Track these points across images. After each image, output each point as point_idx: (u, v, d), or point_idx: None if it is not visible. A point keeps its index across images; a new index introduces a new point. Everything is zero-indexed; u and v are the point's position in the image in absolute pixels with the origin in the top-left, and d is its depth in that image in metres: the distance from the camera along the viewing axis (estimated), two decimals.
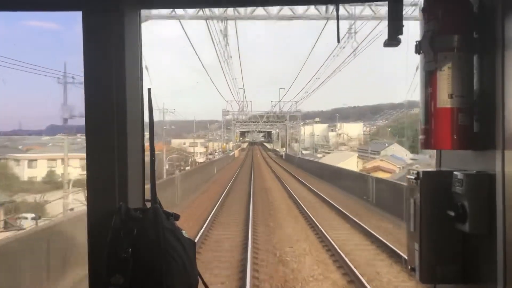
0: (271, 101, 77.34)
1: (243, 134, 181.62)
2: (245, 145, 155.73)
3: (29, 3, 1.91)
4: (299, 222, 18.65)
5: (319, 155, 79.67)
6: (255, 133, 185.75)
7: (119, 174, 1.76)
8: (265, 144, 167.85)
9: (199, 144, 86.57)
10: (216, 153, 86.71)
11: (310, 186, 31.96)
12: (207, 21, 22.54)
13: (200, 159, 71.67)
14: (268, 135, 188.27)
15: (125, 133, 1.77)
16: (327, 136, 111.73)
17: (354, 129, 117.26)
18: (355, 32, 23.59)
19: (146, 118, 1.86)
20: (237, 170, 50.75)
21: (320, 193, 27.15)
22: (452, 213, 1.62)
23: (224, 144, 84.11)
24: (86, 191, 1.79)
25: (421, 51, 1.65)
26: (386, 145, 75.26)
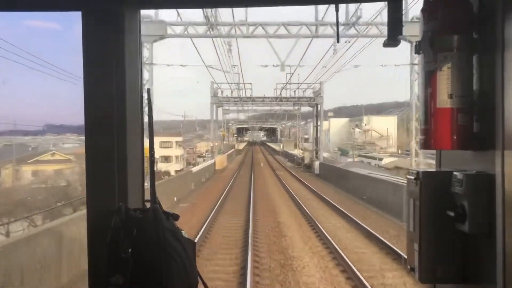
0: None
1: (240, 131, 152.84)
2: (242, 146, 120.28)
3: (29, 3, 1.91)
4: None
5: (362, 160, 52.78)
6: (255, 132, 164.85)
7: (118, 174, 1.76)
8: (269, 144, 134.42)
9: (175, 144, 58.23)
10: (204, 155, 60.69)
11: None
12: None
13: (176, 166, 50.12)
14: (272, 132, 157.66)
15: (124, 133, 1.77)
16: (351, 133, 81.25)
17: (385, 124, 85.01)
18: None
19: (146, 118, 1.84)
20: None
21: None
22: (451, 213, 1.63)
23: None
24: (86, 191, 1.79)
25: (421, 51, 1.65)
26: None
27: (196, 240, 16.35)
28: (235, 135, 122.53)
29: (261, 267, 12.16)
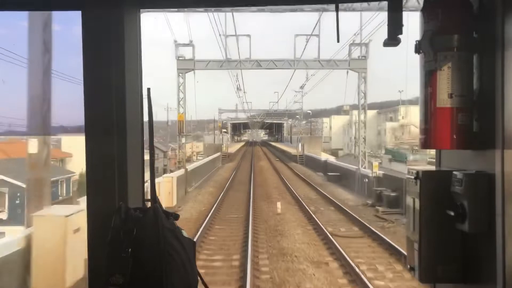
0: None
1: (236, 129, 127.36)
2: (237, 147, 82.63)
3: (29, 3, 1.91)
4: None
5: None
6: (255, 130, 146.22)
7: (118, 174, 1.76)
8: (274, 144, 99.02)
9: None
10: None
11: None
12: None
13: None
14: (277, 129, 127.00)
15: (124, 133, 1.77)
16: (383, 128, 61.02)
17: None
18: None
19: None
20: None
21: None
22: (451, 213, 1.63)
23: None
24: (86, 190, 1.79)
25: (421, 51, 1.66)
26: None
27: None
28: (224, 131, 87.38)
29: None
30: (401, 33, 1.71)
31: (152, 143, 1.85)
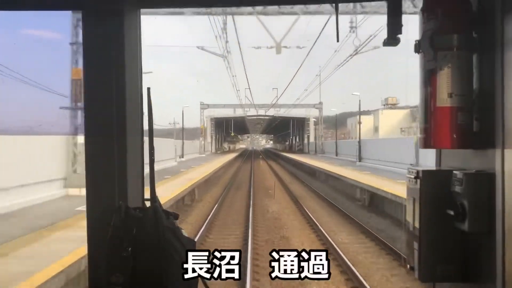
0: None
1: (225, 130, 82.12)
2: (222, 162, 38.12)
3: (31, 2, 1.92)
4: None
5: None
6: (255, 135, 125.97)
7: (118, 173, 1.76)
8: (287, 155, 56.80)
9: None
10: None
11: None
12: None
13: None
14: (297, 128, 77.88)
15: (124, 132, 1.77)
16: None
17: None
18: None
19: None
20: None
21: None
22: (451, 212, 1.63)
23: None
24: (86, 190, 1.79)
25: (421, 50, 1.66)
26: None
27: None
28: (216, 137, 54.53)
29: None
30: (400, 32, 1.71)
31: (152, 143, 1.85)
